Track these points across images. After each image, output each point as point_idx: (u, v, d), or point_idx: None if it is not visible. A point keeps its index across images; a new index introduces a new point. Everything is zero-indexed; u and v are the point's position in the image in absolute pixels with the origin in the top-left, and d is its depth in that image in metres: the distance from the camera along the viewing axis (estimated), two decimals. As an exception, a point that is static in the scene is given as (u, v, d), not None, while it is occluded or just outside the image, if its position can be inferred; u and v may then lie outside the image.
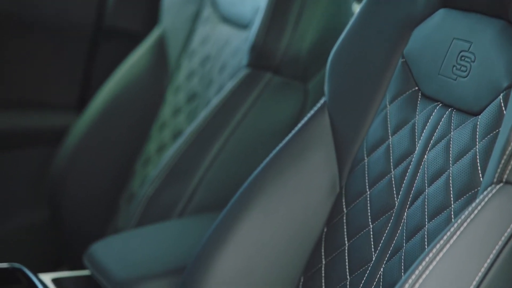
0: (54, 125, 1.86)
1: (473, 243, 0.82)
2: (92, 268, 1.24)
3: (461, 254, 0.82)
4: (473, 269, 0.81)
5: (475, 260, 0.81)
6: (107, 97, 1.66)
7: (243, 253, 1.07)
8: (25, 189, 1.88)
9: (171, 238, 1.31)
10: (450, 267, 0.81)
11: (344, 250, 1.03)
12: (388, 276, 0.93)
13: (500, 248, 0.82)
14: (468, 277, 0.81)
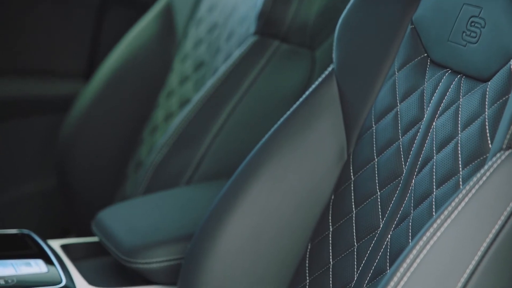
0: (61, 93, 1.86)
1: (481, 210, 0.82)
2: (100, 235, 1.25)
3: (469, 220, 0.82)
4: (481, 235, 0.81)
5: (483, 226, 0.81)
6: (114, 65, 1.66)
7: (251, 220, 1.07)
8: (33, 157, 1.89)
9: (179, 205, 1.32)
10: (457, 234, 0.81)
11: (351, 217, 1.03)
12: (395, 243, 0.93)
13: (508, 214, 0.82)
14: (476, 243, 0.81)
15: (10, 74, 1.84)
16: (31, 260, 1.17)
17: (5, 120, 1.85)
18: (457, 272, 0.80)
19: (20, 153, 1.88)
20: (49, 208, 1.86)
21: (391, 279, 0.86)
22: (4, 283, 1.10)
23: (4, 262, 1.15)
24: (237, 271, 1.07)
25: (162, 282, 1.19)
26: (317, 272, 1.05)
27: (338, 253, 1.03)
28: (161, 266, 1.18)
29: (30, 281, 1.12)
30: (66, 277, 1.15)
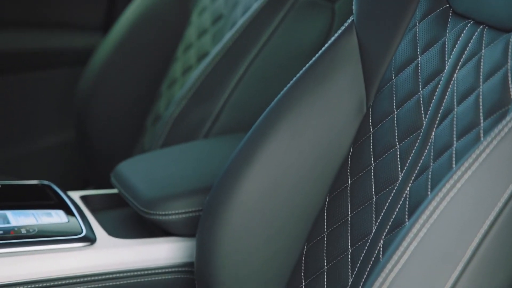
0: (79, 46, 1.86)
1: (502, 161, 0.81)
2: (119, 186, 1.26)
3: (489, 172, 0.81)
4: (501, 187, 0.81)
5: (503, 178, 0.81)
6: (132, 19, 1.65)
7: (269, 173, 1.08)
8: (52, 109, 1.90)
9: (197, 158, 1.32)
10: (478, 185, 0.81)
11: (370, 170, 1.03)
12: (414, 195, 0.93)
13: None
14: (496, 195, 0.81)
15: (29, 27, 1.84)
16: (52, 210, 1.18)
17: (24, 73, 1.86)
18: (477, 223, 0.80)
19: (39, 106, 1.89)
20: (69, 160, 1.87)
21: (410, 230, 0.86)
22: (26, 232, 1.12)
23: (25, 212, 1.16)
24: (255, 224, 1.08)
25: (181, 233, 1.20)
26: (335, 225, 1.05)
27: (356, 206, 1.03)
28: (180, 218, 1.19)
29: (50, 230, 1.14)
30: (86, 228, 1.16)
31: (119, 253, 1.16)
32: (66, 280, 1.12)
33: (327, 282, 1.02)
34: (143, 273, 1.17)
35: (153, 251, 1.18)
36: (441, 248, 0.82)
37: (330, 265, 1.03)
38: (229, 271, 1.08)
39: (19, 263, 1.09)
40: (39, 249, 1.10)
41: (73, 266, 1.12)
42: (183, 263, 1.19)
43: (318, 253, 1.06)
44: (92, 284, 1.13)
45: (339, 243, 1.03)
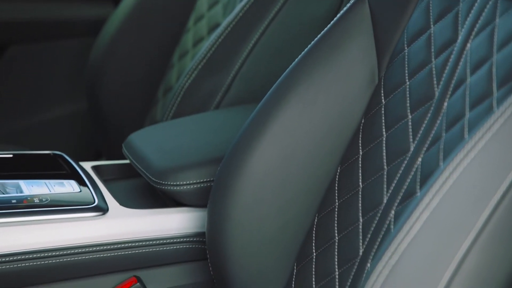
0: (91, 16, 1.86)
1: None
2: (130, 157, 1.26)
3: (502, 142, 0.81)
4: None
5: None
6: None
7: (280, 143, 1.08)
8: (64, 80, 1.90)
9: (208, 129, 1.32)
10: (490, 156, 0.81)
11: (381, 141, 1.03)
12: (426, 166, 0.93)
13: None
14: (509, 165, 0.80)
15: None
16: (64, 180, 1.19)
17: (36, 44, 1.86)
18: (489, 193, 0.80)
19: (51, 76, 1.89)
20: (81, 131, 1.88)
21: (421, 200, 0.86)
22: (39, 202, 1.12)
23: (38, 181, 1.17)
24: (266, 194, 1.08)
25: (192, 204, 1.21)
26: (346, 196, 1.05)
27: (367, 177, 1.03)
28: (191, 188, 1.19)
29: (63, 200, 1.14)
30: (98, 198, 1.16)
31: (131, 223, 1.17)
32: (78, 249, 1.12)
33: (338, 252, 1.03)
34: (155, 243, 1.18)
35: (165, 221, 1.19)
36: (453, 218, 0.83)
37: (341, 235, 1.03)
38: (240, 241, 1.09)
39: (31, 232, 1.10)
40: (51, 218, 1.11)
41: (85, 235, 1.13)
42: (194, 233, 1.20)
43: (329, 224, 1.06)
44: (103, 254, 1.14)
45: (350, 213, 1.03)
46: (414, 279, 0.82)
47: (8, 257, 1.08)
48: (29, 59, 1.86)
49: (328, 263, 1.03)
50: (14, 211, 1.09)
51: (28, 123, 1.86)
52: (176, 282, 1.21)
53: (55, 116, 1.86)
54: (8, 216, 1.09)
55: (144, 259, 1.18)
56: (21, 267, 1.09)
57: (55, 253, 1.11)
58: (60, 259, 1.11)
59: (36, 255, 1.10)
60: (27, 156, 1.26)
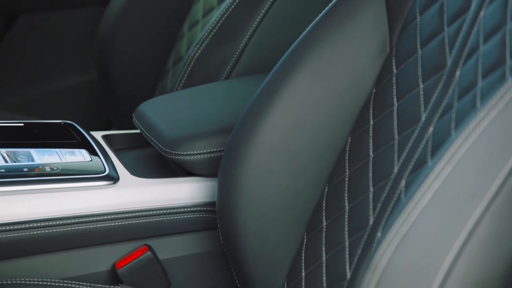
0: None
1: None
2: (141, 127, 1.26)
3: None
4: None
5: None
6: (152, -41, 1.64)
7: (291, 113, 1.07)
8: (74, 50, 1.90)
9: (219, 99, 1.32)
10: (503, 124, 0.80)
11: (393, 110, 1.03)
12: (437, 135, 0.93)
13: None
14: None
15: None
16: (75, 149, 1.19)
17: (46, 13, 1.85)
18: (502, 162, 0.80)
19: (61, 46, 1.89)
20: (91, 101, 1.88)
21: (433, 170, 0.86)
22: (50, 170, 1.13)
23: (49, 150, 1.17)
24: (276, 164, 1.08)
25: (203, 173, 1.21)
26: (356, 165, 1.05)
27: (378, 146, 1.03)
28: (202, 158, 1.19)
29: (74, 169, 1.14)
30: (109, 167, 1.17)
31: (142, 192, 1.17)
32: (89, 218, 1.13)
33: (348, 222, 1.03)
34: (165, 212, 1.18)
35: (175, 191, 1.19)
36: (465, 187, 0.82)
37: (352, 205, 1.04)
38: (250, 210, 1.09)
39: (43, 200, 1.10)
40: (62, 187, 1.11)
41: (95, 204, 1.13)
42: (204, 203, 1.20)
43: (340, 193, 1.06)
44: (114, 222, 1.15)
45: (361, 183, 1.03)
46: (425, 247, 0.83)
47: (20, 225, 1.09)
48: (39, 29, 1.86)
49: (338, 232, 1.04)
50: (26, 179, 1.10)
51: (39, 93, 1.86)
52: (186, 251, 1.22)
53: (66, 86, 1.86)
54: (19, 184, 1.09)
55: (155, 228, 1.18)
56: (33, 235, 1.10)
57: (66, 221, 1.12)
58: (71, 227, 1.12)
59: (47, 223, 1.10)
60: (38, 125, 1.26)
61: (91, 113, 1.87)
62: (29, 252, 1.12)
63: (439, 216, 0.83)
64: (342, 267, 1.01)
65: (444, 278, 0.80)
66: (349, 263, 1.00)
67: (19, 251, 1.11)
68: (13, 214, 1.08)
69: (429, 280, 0.80)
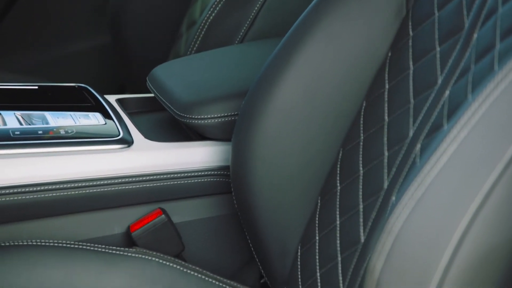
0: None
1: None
2: (155, 90, 1.26)
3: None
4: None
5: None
6: None
7: (305, 78, 1.07)
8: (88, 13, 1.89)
9: (233, 62, 1.32)
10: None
11: (408, 74, 1.02)
12: (454, 99, 0.92)
13: None
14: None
15: None
16: (89, 112, 1.19)
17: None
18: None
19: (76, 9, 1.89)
20: (105, 64, 1.87)
21: (449, 133, 0.86)
22: (64, 133, 1.13)
23: (63, 113, 1.17)
24: (290, 129, 1.08)
25: (216, 137, 1.21)
26: (371, 129, 1.05)
27: (393, 110, 1.03)
28: (216, 122, 1.19)
29: (88, 132, 1.15)
30: (123, 130, 1.17)
31: (156, 155, 1.17)
32: (103, 181, 1.13)
33: (363, 186, 1.03)
34: (179, 176, 1.18)
35: (189, 155, 1.19)
36: (481, 151, 0.82)
37: (366, 169, 1.03)
38: (264, 174, 1.09)
39: (57, 163, 1.11)
40: (77, 149, 1.12)
41: (109, 167, 1.14)
42: (218, 167, 1.20)
43: (354, 158, 1.06)
44: (128, 186, 1.15)
45: (375, 147, 1.03)
46: (440, 211, 0.82)
47: (34, 187, 1.09)
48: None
49: (353, 196, 1.03)
50: (41, 142, 1.10)
51: (53, 56, 1.86)
52: (200, 214, 1.22)
53: (79, 49, 1.86)
54: (34, 147, 1.09)
55: (169, 191, 1.19)
56: (48, 197, 1.10)
57: (81, 184, 1.12)
58: (85, 190, 1.12)
59: (62, 186, 1.11)
60: (52, 88, 1.26)
61: (104, 76, 1.86)
62: (44, 214, 1.13)
63: (455, 179, 0.82)
64: (356, 231, 1.01)
65: (459, 241, 0.80)
66: (363, 227, 1.00)
67: (34, 213, 1.12)
68: (27, 176, 1.09)
69: (444, 242, 0.80)
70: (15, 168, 1.08)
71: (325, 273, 1.04)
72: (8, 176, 1.08)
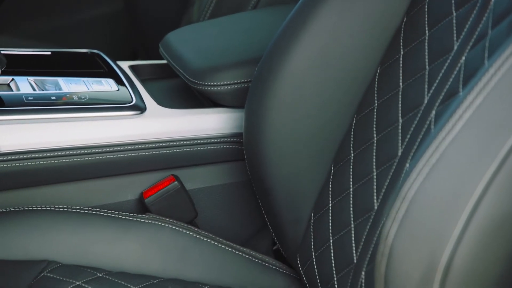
0: None
1: None
2: (168, 57, 1.25)
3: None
4: None
5: None
6: None
7: (320, 42, 1.06)
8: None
9: (246, 29, 1.31)
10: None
11: (424, 39, 1.01)
12: (470, 65, 0.91)
13: None
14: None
15: None
16: (102, 79, 1.19)
17: None
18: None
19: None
20: (117, 31, 1.87)
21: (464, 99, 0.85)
22: (77, 99, 1.13)
23: (76, 79, 1.17)
24: (305, 93, 1.07)
25: (229, 104, 1.21)
26: (386, 96, 1.04)
27: (408, 76, 1.02)
28: (229, 89, 1.19)
29: (101, 98, 1.14)
30: (136, 96, 1.16)
31: (168, 122, 1.17)
32: (115, 148, 1.13)
33: (377, 153, 1.02)
34: (192, 143, 1.18)
35: (202, 121, 1.19)
36: (497, 117, 0.81)
37: (380, 136, 1.03)
38: (278, 141, 1.09)
39: (70, 129, 1.11)
40: (90, 115, 1.12)
41: (122, 134, 1.14)
42: (231, 134, 1.20)
43: (368, 124, 1.05)
44: (141, 152, 1.15)
45: (390, 114, 1.02)
46: (455, 177, 0.82)
47: (47, 152, 1.09)
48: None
49: (366, 163, 1.03)
50: (54, 108, 1.10)
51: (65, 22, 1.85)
52: (213, 181, 1.22)
53: (92, 15, 1.85)
54: (47, 113, 1.09)
55: (182, 158, 1.19)
56: (60, 163, 1.10)
57: (93, 150, 1.12)
58: (98, 156, 1.13)
59: (75, 152, 1.11)
60: (65, 54, 1.25)
61: (117, 43, 1.86)
62: (57, 180, 1.13)
63: (470, 145, 0.82)
64: (370, 198, 1.00)
65: (474, 207, 0.79)
66: (377, 194, 1.00)
67: (48, 179, 1.12)
68: (41, 142, 1.09)
69: (459, 209, 0.80)
70: (28, 134, 1.08)
71: (337, 240, 1.04)
72: (21, 141, 1.08)
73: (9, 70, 1.11)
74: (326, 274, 1.04)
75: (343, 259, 1.02)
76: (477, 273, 0.81)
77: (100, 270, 1.05)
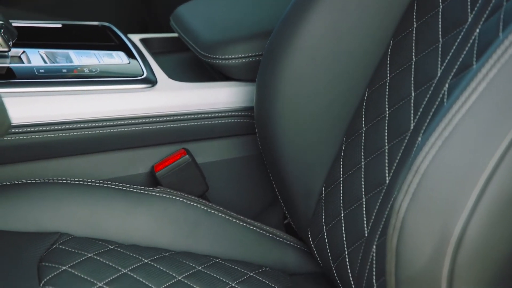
0: None
1: None
2: (178, 30, 1.25)
3: None
4: None
5: None
6: None
7: (331, 16, 1.05)
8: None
9: (258, 2, 1.30)
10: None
11: (437, 12, 1.00)
12: (484, 37, 0.90)
13: None
14: None
15: None
16: (113, 51, 1.18)
17: None
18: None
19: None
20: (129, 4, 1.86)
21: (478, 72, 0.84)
22: (88, 72, 1.12)
23: (87, 52, 1.17)
24: (316, 68, 1.07)
25: (241, 78, 1.20)
26: (399, 69, 1.03)
27: (421, 50, 1.01)
28: (240, 62, 1.18)
29: (112, 71, 1.14)
30: (147, 70, 1.16)
31: (179, 96, 1.17)
32: (127, 121, 1.13)
33: (388, 126, 1.02)
34: (203, 116, 1.18)
35: (213, 95, 1.19)
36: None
37: (392, 109, 1.02)
38: (289, 114, 1.08)
39: (81, 101, 1.10)
40: (101, 88, 1.11)
41: (133, 107, 1.13)
42: (242, 107, 1.20)
43: (380, 98, 1.05)
44: (152, 125, 1.15)
45: (402, 88, 1.02)
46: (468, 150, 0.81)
47: (58, 125, 1.09)
48: None
49: (378, 137, 1.03)
50: (65, 80, 1.10)
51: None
52: (224, 155, 1.22)
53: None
54: (58, 85, 1.09)
55: (193, 132, 1.18)
56: (71, 136, 1.10)
57: (105, 123, 1.12)
58: (109, 129, 1.12)
59: (86, 125, 1.11)
60: (76, 26, 1.25)
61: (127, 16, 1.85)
62: (68, 153, 1.13)
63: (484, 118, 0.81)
64: (381, 172, 1.00)
65: (487, 180, 0.79)
66: (388, 167, 0.99)
67: (59, 151, 1.12)
68: (52, 114, 1.09)
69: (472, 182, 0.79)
70: (39, 106, 1.08)
71: (349, 213, 1.04)
72: (32, 114, 1.08)
73: (20, 42, 1.11)
74: (337, 248, 1.04)
75: (354, 233, 1.02)
76: (489, 247, 0.80)
77: (112, 243, 1.05)
